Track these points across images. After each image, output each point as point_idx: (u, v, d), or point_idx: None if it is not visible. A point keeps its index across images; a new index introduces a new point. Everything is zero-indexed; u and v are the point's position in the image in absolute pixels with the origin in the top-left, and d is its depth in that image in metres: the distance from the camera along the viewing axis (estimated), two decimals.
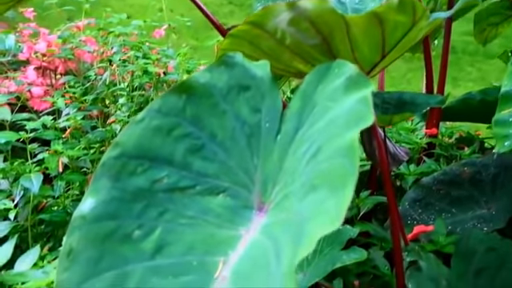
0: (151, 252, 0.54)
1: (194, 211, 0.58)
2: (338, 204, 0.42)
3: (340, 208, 0.41)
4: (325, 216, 0.42)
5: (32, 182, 0.77)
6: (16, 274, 0.57)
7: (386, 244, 1.09)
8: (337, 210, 0.41)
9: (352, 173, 0.43)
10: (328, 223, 0.41)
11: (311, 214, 0.44)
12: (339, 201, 0.42)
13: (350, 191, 0.42)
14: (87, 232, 0.53)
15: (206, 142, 0.60)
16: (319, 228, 0.41)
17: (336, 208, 0.42)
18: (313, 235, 0.40)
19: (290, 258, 0.43)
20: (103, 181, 0.55)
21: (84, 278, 0.51)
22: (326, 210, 0.43)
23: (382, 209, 1.35)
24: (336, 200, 0.43)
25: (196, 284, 0.53)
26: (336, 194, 0.44)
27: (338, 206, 0.42)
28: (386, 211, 1.33)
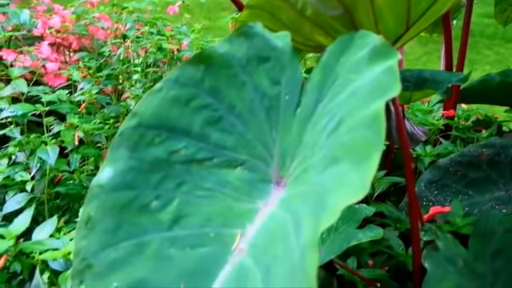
0: (169, 223, 0.54)
1: (211, 183, 0.57)
2: (362, 175, 0.41)
3: (364, 179, 0.40)
4: (347, 188, 0.41)
5: (48, 154, 0.77)
6: (34, 242, 0.57)
7: (401, 225, 1.08)
8: (361, 182, 0.40)
9: (377, 144, 0.41)
10: (351, 194, 0.40)
11: (333, 186, 0.43)
12: (363, 172, 0.41)
13: (375, 163, 0.40)
14: (105, 201, 0.52)
15: (224, 113, 0.59)
16: (342, 199, 0.40)
17: (360, 179, 0.41)
18: (335, 206, 0.39)
19: (311, 229, 0.42)
20: (121, 151, 0.55)
21: (102, 247, 0.51)
22: (348, 181, 0.42)
23: (395, 190, 1.34)
24: (359, 172, 0.42)
25: (213, 256, 0.53)
26: (359, 166, 0.42)
27: (362, 178, 0.41)
28: (399, 193, 1.32)
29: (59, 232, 0.80)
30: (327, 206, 0.41)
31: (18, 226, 0.54)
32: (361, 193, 0.39)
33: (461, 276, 0.76)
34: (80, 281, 0.49)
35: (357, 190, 0.40)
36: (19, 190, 0.85)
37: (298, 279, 0.41)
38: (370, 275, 0.89)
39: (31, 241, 0.57)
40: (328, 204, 0.41)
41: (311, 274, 0.37)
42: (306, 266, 0.38)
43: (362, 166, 0.42)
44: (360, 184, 0.40)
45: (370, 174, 0.40)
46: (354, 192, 0.40)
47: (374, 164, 0.40)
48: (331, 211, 0.39)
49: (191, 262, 0.52)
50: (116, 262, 0.50)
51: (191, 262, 0.52)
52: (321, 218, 0.40)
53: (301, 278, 0.41)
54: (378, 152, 0.41)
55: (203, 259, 0.53)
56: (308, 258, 0.39)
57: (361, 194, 0.39)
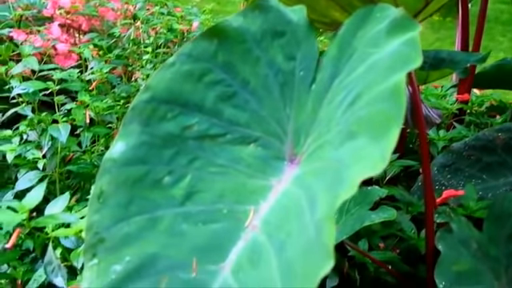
0: (181, 199, 0.53)
1: (224, 160, 0.56)
2: (381, 149, 0.40)
3: (383, 152, 0.39)
4: (366, 161, 0.40)
5: (60, 132, 0.77)
6: (47, 216, 0.57)
7: (413, 208, 1.07)
8: (380, 155, 0.39)
9: (396, 117, 0.40)
10: (369, 167, 0.39)
11: (350, 161, 0.42)
12: (381, 146, 0.40)
13: (394, 136, 0.39)
14: (117, 175, 0.52)
15: (238, 89, 0.58)
16: (360, 172, 0.39)
17: (378, 153, 0.40)
18: (354, 179, 0.38)
19: (327, 204, 0.41)
20: (133, 125, 0.54)
21: (114, 221, 0.51)
22: (366, 155, 0.41)
23: (406, 176, 1.32)
24: (378, 146, 0.41)
25: (226, 232, 0.52)
26: (377, 140, 0.41)
27: (381, 151, 0.40)
28: (409, 178, 1.30)
29: (70, 210, 0.80)
30: (345, 179, 0.40)
31: (30, 201, 0.54)
32: (380, 166, 0.38)
33: (474, 259, 0.75)
34: (92, 255, 0.49)
35: (375, 163, 0.39)
36: (31, 169, 0.86)
37: (314, 254, 0.40)
38: (382, 257, 0.88)
39: (44, 215, 0.57)
40: (346, 177, 0.40)
41: (329, 247, 0.37)
42: (323, 239, 0.38)
43: (381, 140, 0.41)
44: (379, 157, 0.39)
45: (389, 148, 0.39)
46: (373, 165, 0.39)
47: (393, 137, 0.39)
48: (349, 184, 0.38)
49: (204, 238, 0.52)
50: (128, 237, 0.50)
51: (204, 237, 0.52)
52: (339, 191, 0.39)
53: (316, 252, 0.40)
54: (397, 125, 0.40)
55: (216, 235, 0.52)
56: (325, 232, 0.38)
57: (380, 168, 0.38)
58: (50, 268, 0.57)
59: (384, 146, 0.39)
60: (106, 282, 0.48)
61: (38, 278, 0.68)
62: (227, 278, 0.49)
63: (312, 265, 0.40)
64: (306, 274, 0.40)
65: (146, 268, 0.49)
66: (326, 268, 0.36)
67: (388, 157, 0.38)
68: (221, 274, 0.50)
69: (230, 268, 0.50)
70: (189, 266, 0.50)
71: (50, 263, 0.57)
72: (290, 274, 0.43)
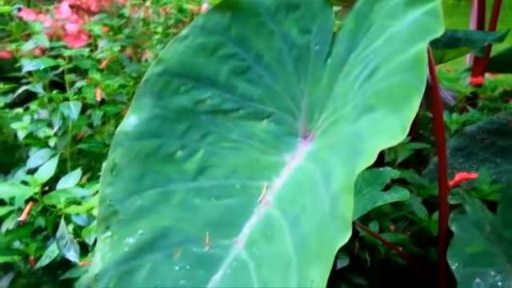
0: (194, 173, 0.53)
1: (237, 135, 0.56)
2: (400, 119, 0.39)
3: (403, 122, 0.38)
4: (385, 133, 0.39)
5: (71, 109, 0.77)
6: (59, 191, 0.57)
7: (424, 191, 1.05)
8: (399, 125, 0.38)
9: (418, 87, 0.39)
10: (388, 138, 0.38)
11: (368, 133, 0.42)
12: (401, 116, 0.39)
13: (415, 106, 0.38)
14: (130, 148, 0.52)
15: (252, 64, 0.57)
16: (379, 143, 0.38)
17: (398, 123, 0.39)
18: (372, 150, 0.38)
19: (344, 176, 0.41)
20: (146, 98, 0.54)
21: (127, 195, 0.51)
22: (385, 127, 0.40)
23: (416, 160, 1.31)
24: (397, 117, 0.40)
25: (239, 207, 0.52)
26: (397, 111, 0.40)
27: (401, 121, 0.39)
28: (420, 163, 1.29)
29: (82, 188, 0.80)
30: (363, 150, 0.39)
31: (42, 174, 0.54)
32: (399, 136, 0.37)
33: (487, 241, 0.75)
34: (106, 227, 0.49)
35: (395, 134, 0.38)
36: (42, 147, 0.86)
37: (329, 227, 0.40)
38: (392, 239, 0.88)
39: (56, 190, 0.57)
40: (364, 149, 0.39)
41: (346, 218, 0.36)
42: (340, 210, 0.37)
43: (400, 111, 0.40)
44: (398, 128, 0.38)
45: (409, 118, 0.38)
46: (392, 136, 0.38)
47: (413, 108, 0.38)
48: (368, 154, 0.37)
49: (217, 213, 0.52)
50: (141, 210, 0.50)
51: (217, 212, 0.52)
52: (356, 162, 0.38)
53: (332, 225, 0.39)
54: (418, 95, 0.39)
55: (229, 210, 0.52)
56: (342, 203, 0.37)
57: (399, 138, 0.37)
58: (62, 242, 0.57)
59: (404, 116, 0.38)
60: (119, 254, 0.48)
61: (51, 253, 0.69)
62: (240, 252, 0.49)
63: (327, 238, 0.39)
64: (321, 247, 0.40)
65: (158, 241, 0.49)
66: (343, 240, 0.36)
67: (408, 127, 0.37)
68: (234, 249, 0.49)
69: (244, 243, 0.49)
70: (202, 240, 0.50)
71: (63, 238, 0.58)
72: (304, 248, 0.43)
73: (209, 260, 0.49)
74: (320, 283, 0.36)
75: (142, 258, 0.48)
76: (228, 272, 0.48)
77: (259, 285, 0.45)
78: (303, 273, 0.40)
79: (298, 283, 0.40)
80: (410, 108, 0.37)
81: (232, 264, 0.48)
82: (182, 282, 0.48)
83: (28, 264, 0.82)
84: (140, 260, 0.48)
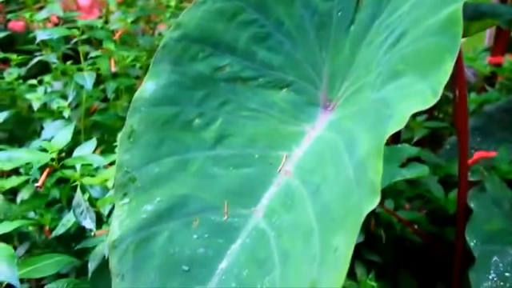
0: (212, 142, 0.52)
1: (256, 104, 0.54)
2: (431, 83, 0.37)
3: (433, 86, 0.37)
4: (414, 97, 0.38)
5: (85, 79, 0.76)
6: (75, 157, 0.57)
7: (440, 170, 1.04)
8: (430, 89, 0.37)
9: (450, 48, 0.37)
10: (419, 102, 0.37)
11: (396, 99, 0.40)
12: (432, 80, 0.37)
13: (447, 68, 0.37)
14: (147, 115, 0.51)
15: (272, 30, 0.55)
16: (409, 107, 0.37)
17: (428, 87, 0.37)
18: (402, 113, 0.36)
19: (370, 142, 0.39)
20: (164, 64, 0.52)
21: (145, 162, 0.50)
22: (414, 92, 0.39)
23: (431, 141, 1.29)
24: (427, 81, 0.38)
25: (258, 176, 0.51)
26: (426, 75, 0.39)
27: (431, 85, 0.37)
28: (434, 144, 1.27)
29: None
30: (391, 115, 0.38)
31: (59, 141, 0.54)
32: (431, 100, 0.36)
33: (506, 219, 0.73)
34: (123, 194, 0.49)
35: (426, 98, 0.36)
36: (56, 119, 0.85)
37: (354, 194, 0.39)
38: (408, 217, 0.86)
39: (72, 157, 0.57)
40: (392, 113, 0.38)
41: (374, 182, 0.35)
42: (368, 175, 0.36)
43: (431, 75, 0.38)
44: (429, 91, 0.36)
45: (441, 81, 0.36)
46: (424, 100, 0.36)
47: (446, 70, 0.37)
48: (398, 117, 0.36)
49: (235, 182, 0.51)
50: (159, 177, 0.49)
51: (235, 181, 0.51)
52: (386, 127, 0.37)
53: (357, 191, 0.38)
54: (451, 57, 0.37)
55: (248, 179, 0.51)
56: (370, 167, 0.36)
57: (431, 101, 0.36)
58: (78, 210, 0.57)
59: (435, 80, 0.36)
60: (137, 221, 0.47)
61: (66, 223, 0.68)
62: (259, 221, 0.48)
63: (353, 205, 0.38)
64: (346, 214, 0.39)
65: (177, 209, 0.48)
66: (371, 205, 0.35)
67: (440, 91, 0.36)
68: (253, 218, 0.49)
69: (263, 212, 0.49)
70: (220, 208, 0.49)
71: (79, 206, 0.57)
72: (327, 216, 0.42)
73: (227, 229, 0.48)
74: (345, 251, 0.36)
75: (160, 226, 0.47)
76: (247, 241, 0.47)
77: (279, 253, 0.44)
78: (326, 241, 0.39)
79: (321, 251, 0.39)
80: (443, 71, 0.36)
81: (251, 233, 0.48)
82: (200, 250, 0.47)
83: (43, 234, 0.83)
84: (158, 227, 0.47)
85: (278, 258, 0.44)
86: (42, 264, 0.48)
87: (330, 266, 0.36)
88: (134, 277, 0.45)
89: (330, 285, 0.35)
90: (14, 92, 0.99)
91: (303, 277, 0.40)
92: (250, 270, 0.45)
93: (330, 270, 0.36)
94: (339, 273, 0.35)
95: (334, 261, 0.36)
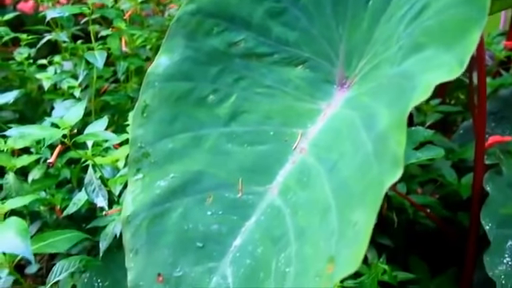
0: (226, 118, 0.51)
1: (271, 81, 0.53)
2: (456, 54, 0.36)
3: (459, 57, 0.35)
4: (438, 68, 0.37)
5: (96, 58, 0.75)
6: (87, 134, 0.56)
7: (453, 155, 1.02)
8: (456, 60, 0.35)
9: (476, 18, 0.36)
10: (444, 73, 0.35)
11: (419, 71, 0.39)
12: (457, 51, 0.36)
13: (474, 38, 0.35)
14: (161, 90, 0.50)
15: (288, 5, 0.54)
16: (433, 78, 0.35)
17: (454, 58, 0.36)
18: (427, 83, 0.35)
19: (391, 116, 0.38)
20: (178, 39, 0.51)
21: (158, 137, 0.49)
22: (438, 63, 0.37)
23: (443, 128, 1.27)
24: (452, 52, 0.37)
25: (273, 154, 0.50)
26: (451, 47, 0.37)
27: (457, 56, 0.36)
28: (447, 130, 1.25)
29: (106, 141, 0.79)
30: (414, 86, 0.36)
31: (71, 117, 0.53)
32: (457, 71, 0.35)
33: None
34: (137, 169, 0.48)
35: (451, 69, 0.35)
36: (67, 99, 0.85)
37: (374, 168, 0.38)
38: (421, 201, 0.85)
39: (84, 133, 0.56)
40: (415, 85, 0.36)
41: (397, 153, 0.34)
42: (390, 147, 0.35)
43: (456, 46, 0.37)
44: (455, 62, 0.35)
45: (467, 51, 0.35)
46: (449, 70, 0.35)
47: (473, 40, 0.35)
48: (422, 88, 0.35)
49: (250, 159, 0.50)
50: (173, 153, 0.49)
51: (250, 158, 0.50)
52: (409, 99, 0.35)
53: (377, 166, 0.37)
54: (478, 27, 0.35)
55: (262, 157, 0.50)
56: (391, 139, 0.35)
57: (457, 72, 0.35)
58: (90, 188, 0.57)
59: (461, 50, 0.35)
60: (151, 196, 0.47)
61: (77, 202, 0.68)
62: (274, 199, 0.47)
63: (373, 179, 0.37)
64: (365, 189, 0.38)
65: (190, 185, 0.48)
66: (393, 178, 0.34)
67: (466, 62, 0.34)
68: (268, 196, 0.48)
69: (278, 190, 0.48)
70: (234, 186, 0.49)
71: (91, 184, 0.57)
72: (345, 192, 0.41)
73: (241, 206, 0.48)
74: (365, 225, 0.35)
75: (173, 202, 0.47)
76: (262, 218, 0.47)
77: (295, 231, 0.43)
78: (344, 216, 0.39)
79: (339, 227, 0.38)
80: (469, 41, 0.34)
81: (266, 211, 0.47)
82: (214, 227, 0.47)
83: (54, 214, 0.83)
84: (172, 203, 0.47)
85: (293, 235, 0.43)
86: (54, 239, 0.48)
87: (349, 240, 0.36)
88: (147, 252, 0.45)
89: (349, 260, 0.34)
90: (23, 73, 0.99)
91: (320, 253, 0.39)
92: (264, 247, 0.44)
93: (350, 245, 0.35)
94: (359, 247, 0.34)
95: (354, 235, 0.35)
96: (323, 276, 0.37)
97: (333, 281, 0.35)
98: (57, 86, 0.93)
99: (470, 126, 1.15)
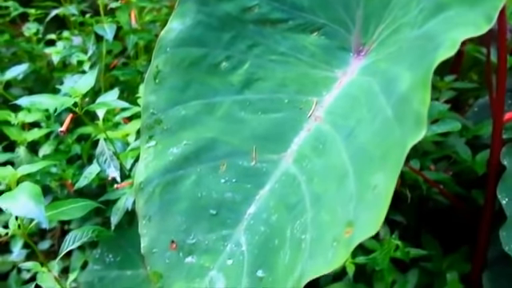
0: (240, 86, 0.50)
1: (285, 48, 0.52)
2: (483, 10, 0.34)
3: (486, 13, 0.34)
4: (464, 25, 0.35)
5: (105, 31, 0.74)
6: (99, 103, 0.55)
7: (467, 132, 1.00)
8: (482, 16, 0.34)
9: None
10: (471, 29, 0.34)
11: (443, 30, 0.37)
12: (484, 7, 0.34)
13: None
14: (173, 56, 0.49)
15: None
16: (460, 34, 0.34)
17: (480, 14, 0.34)
18: (453, 39, 0.33)
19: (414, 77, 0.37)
20: (189, 3, 0.50)
21: (171, 104, 0.48)
22: (464, 21, 0.36)
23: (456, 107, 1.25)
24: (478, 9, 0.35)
25: (287, 121, 0.49)
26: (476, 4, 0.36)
27: (483, 12, 0.34)
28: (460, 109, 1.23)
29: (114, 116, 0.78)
30: (439, 44, 0.35)
31: (82, 86, 0.52)
32: (484, 26, 0.33)
33: None
34: (149, 136, 0.47)
35: (478, 25, 0.34)
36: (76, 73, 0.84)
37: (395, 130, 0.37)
38: (435, 177, 0.84)
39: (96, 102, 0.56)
40: (439, 43, 0.35)
41: (420, 112, 0.32)
42: (412, 107, 0.34)
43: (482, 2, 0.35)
44: (483, 18, 0.34)
45: (496, 6, 0.33)
46: (475, 27, 0.34)
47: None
48: (448, 44, 0.33)
49: (264, 127, 0.49)
50: (186, 120, 0.48)
51: (264, 126, 0.49)
52: (433, 57, 0.34)
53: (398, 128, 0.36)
54: None
55: (276, 125, 0.49)
56: (414, 99, 0.34)
57: (484, 28, 0.33)
58: (102, 158, 0.56)
59: (489, 5, 0.34)
60: (163, 163, 0.46)
61: (88, 175, 0.68)
62: (289, 167, 0.46)
63: (394, 142, 0.36)
64: (386, 152, 0.37)
65: (204, 152, 0.47)
66: (416, 137, 0.33)
67: (494, 17, 0.33)
68: (282, 164, 0.47)
69: (292, 158, 0.47)
70: (248, 153, 0.48)
71: (102, 154, 0.56)
72: (363, 157, 0.40)
73: (255, 174, 0.47)
74: (386, 187, 0.34)
75: (186, 169, 0.46)
76: (276, 186, 0.46)
77: (311, 197, 0.43)
78: (363, 181, 0.38)
79: (358, 191, 0.37)
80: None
81: (280, 178, 0.46)
82: (228, 195, 0.46)
83: (65, 189, 0.83)
84: (185, 170, 0.46)
85: (309, 202, 0.42)
86: (68, 207, 0.47)
87: (368, 204, 0.35)
88: (160, 219, 0.45)
89: (369, 222, 0.33)
90: (32, 50, 0.98)
91: (338, 219, 0.38)
92: (279, 214, 0.44)
93: (370, 208, 0.34)
94: (380, 209, 0.33)
95: (374, 198, 0.34)
96: (341, 241, 0.36)
97: (351, 245, 0.35)
98: (66, 62, 0.92)
99: (484, 104, 1.13)
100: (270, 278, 0.40)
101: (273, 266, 0.41)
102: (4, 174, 0.42)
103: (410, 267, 0.72)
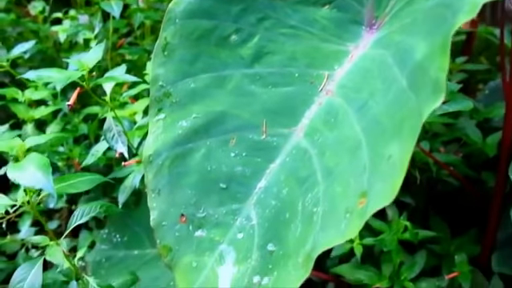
0: (250, 59, 0.49)
1: (296, 21, 0.51)
2: None
3: None
4: None
5: (112, 7, 0.73)
6: (107, 77, 0.55)
7: (478, 115, 0.99)
8: None
9: None
10: None
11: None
12: None
13: None
14: (182, 28, 0.48)
15: None
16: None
17: None
18: (473, 3, 0.32)
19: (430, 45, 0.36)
20: None
21: (180, 77, 0.47)
22: None
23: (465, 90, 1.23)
24: None
25: (298, 95, 0.48)
26: None
27: None
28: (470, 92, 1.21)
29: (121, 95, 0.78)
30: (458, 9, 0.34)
31: (89, 59, 0.52)
32: None
33: None
34: (158, 109, 0.47)
35: None
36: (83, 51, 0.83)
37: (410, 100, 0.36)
38: (445, 159, 0.83)
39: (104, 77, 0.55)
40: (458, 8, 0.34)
41: (438, 78, 0.31)
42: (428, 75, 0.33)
43: None
44: None
45: None
46: None
47: None
48: (468, 8, 0.32)
49: (274, 100, 0.48)
50: (195, 93, 0.47)
51: (274, 100, 0.48)
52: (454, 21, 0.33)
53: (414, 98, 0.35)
54: None
55: (287, 98, 0.48)
56: (432, 66, 0.33)
57: None
58: (109, 135, 0.56)
59: None
60: (173, 136, 0.46)
61: (95, 153, 0.67)
62: (300, 141, 0.46)
63: (409, 111, 0.35)
64: (400, 122, 0.36)
65: (213, 126, 0.46)
66: (434, 104, 0.32)
67: None
68: (293, 138, 0.46)
69: (304, 132, 0.46)
70: (258, 127, 0.47)
71: (110, 130, 0.56)
72: (376, 129, 0.39)
73: (266, 148, 0.46)
74: (401, 157, 0.33)
75: (196, 142, 0.46)
76: (287, 160, 0.45)
77: (322, 171, 0.42)
78: (376, 152, 0.37)
79: (371, 162, 0.36)
80: None
81: (291, 152, 0.45)
82: (238, 169, 0.45)
83: (72, 168, 0.83)
84: (194, 143, 0.46)
85: (320, 175, 0.42)
86: (76, 180, 0.47)
87: (383, 174, 0.34)
88: (170, 192, 0.44)
89: (383, 192, 0.33)
90: (39, 30, 0.97)
91: (351, 190, 0.37)
92: (290, 188, 0.43)
93: (384, 178, 0.33)
94: (395, 179, 0.32)
95: (388, 168, 0.34)
96: (354, 212, 0.36)
97: (365, 215, 0.34)
98: (72, 42, 0.91)
99: (495, 87, 1.11)
100: (280, 251, 0.40)
101: (284, 239, 0.40)
102: (12, 145, 0.41)
103: (417, 249, 0.71)
